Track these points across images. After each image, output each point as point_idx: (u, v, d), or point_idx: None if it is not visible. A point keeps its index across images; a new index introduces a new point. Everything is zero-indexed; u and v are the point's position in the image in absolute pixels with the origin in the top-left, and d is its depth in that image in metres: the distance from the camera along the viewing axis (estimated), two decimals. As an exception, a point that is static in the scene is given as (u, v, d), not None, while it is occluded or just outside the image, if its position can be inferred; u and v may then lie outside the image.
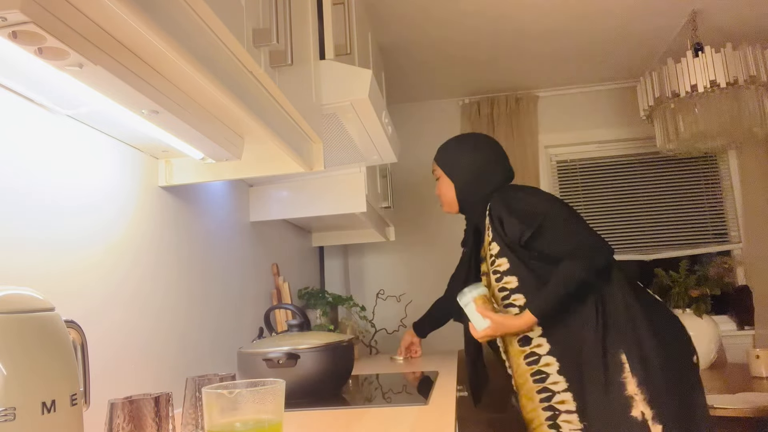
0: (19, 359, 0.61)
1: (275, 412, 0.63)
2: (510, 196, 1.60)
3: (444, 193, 1.75)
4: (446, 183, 1.74)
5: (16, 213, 0.93)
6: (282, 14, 1.04)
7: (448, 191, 1.74)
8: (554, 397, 1.50)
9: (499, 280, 1.60)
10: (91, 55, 0.73)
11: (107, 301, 1.15)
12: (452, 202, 1.75)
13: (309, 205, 2.03)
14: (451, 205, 1.76)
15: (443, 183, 1.75)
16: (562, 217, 1.54)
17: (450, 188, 1.73)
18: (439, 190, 1.77)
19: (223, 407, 0.61)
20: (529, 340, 1.56)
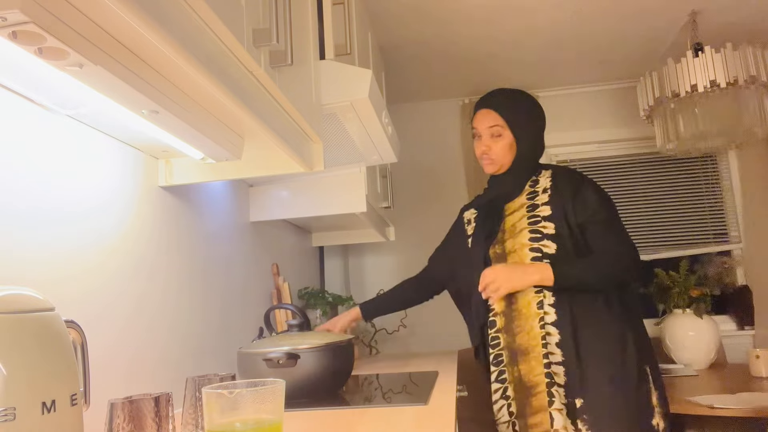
0: (19, 359, 0.61)
1: (275, 412, 0.63)
2: (586, 177, 1.59)
3: (499, 152, 1.62)
4: (507, 142, 1.61)
5: (16, 213, 0.93)
6: (282, 14, 1.04)
7: (505, 151, 1.61)
8: (552, 366, 1.49)
9: (535, 234, 1.53)
10: (91, 55, 0.73)
11: (107, 301, 1.15)
12: (504, 163, 1.63)
13: (309, 205, 2.03)
14: (500, 165, 1.64)
15: (503, 142, 1.61)
16: (619, 220, 1.56)
17: (509, 148, 1.61)
18: (492, 148, 1.63)
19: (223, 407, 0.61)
20: (542, 304, 1.51)
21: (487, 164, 1.65)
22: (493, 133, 1.61)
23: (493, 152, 1.62)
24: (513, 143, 1.61)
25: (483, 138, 1.63)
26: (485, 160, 1.64)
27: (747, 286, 3.07)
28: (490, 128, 1.61)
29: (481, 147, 1.64)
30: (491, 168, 1.65)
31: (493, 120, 1.61)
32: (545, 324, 1.50)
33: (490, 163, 1.64)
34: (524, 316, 1.53)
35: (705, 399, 1.88)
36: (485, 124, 1.62)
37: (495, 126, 1.61)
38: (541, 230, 1.53)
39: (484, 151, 1.63)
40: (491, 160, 1.63)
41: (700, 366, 2.58)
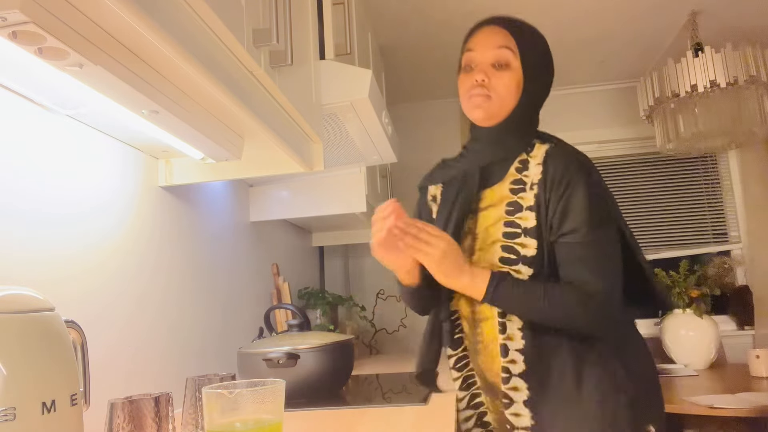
0: (19, 359, 0.61)
1: (275, 412, 0.63)
2: (590, 163, 1.14)
3: (502, 88, 1.14)
4: (515, 78, 1.14)
5: (16, 213, 0.93)
6: (282, 14, 1.04)
7: (510, 90, 1.14)
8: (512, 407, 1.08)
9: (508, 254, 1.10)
10: (91, 55, 0.73)
11: (107, 301, 1.15)
12: (501, 110, 1.15)
13: (309, 205, 2.03)
14: (495, 110, 1.15)
15: (509, 75, 1.14)
16: (610, 244, 1.09)
17: (515, 88, 1.14)
18: (493, 79, 1.14)
19: (223, 407, 0.61)
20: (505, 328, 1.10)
21: (479, 102, 1.14)
22: (499, 59, 1.14)
23: (495, 85, 1.13)
24: (520, 83, 1.15)
25: (481, 66, 1.15)
26: (477, 95, 1.13)
27: (747, 286, 3.07)
28: (497, 50, 1.14)
29: (478, 75, 1.13)
30: (482, 110, 1.14)
31: (503, 39, 1.15)
32: (509, 350, 1.08)
33: (485, 100, 1.13)
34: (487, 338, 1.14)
35: (705, 399, 1.88)
36: (491, 43, 1.15)
37: (504, 48, 1.14)
38: (517, 248, 1.09)
39: (481, 82, 1.13)
40: (487, 96, 1.13)
41: (700, 366, 2.58)
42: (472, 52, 1.19)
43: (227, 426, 0.61)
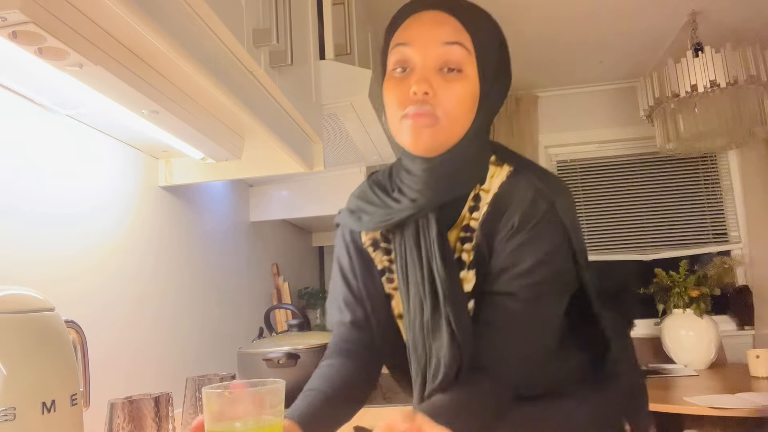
0: (19, 359, 0.60)
1: (275, 413, 0.63)
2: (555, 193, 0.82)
3: (453, 104, 0.78)
4: (470, 87, 0.79)
5: (16, 213, 0.93)
6: (282, 14, 1.04)
7: (464, 107, 0.79)
8: None
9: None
10: (91, 55, 0.73)
11: (107, 301, 1.15)
12: (452, 134, 0.80)
13: (309, 205, 2.03)
14: (445, 136, 0.79)
15: (463, 85, 0.79)
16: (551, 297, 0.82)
17: (471, 101, 0.80)
18: (440, 91, 0.77)
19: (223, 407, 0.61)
20: None
21: (423, 126, 0.77)
22: (448, 62, 0.78)
23: (443, 100, 0.77)
24: (477, 95, 0.80)
25: (423, 70, 0.78)
26: (419, 116, 0.77)
27: (747, 286, 3.07)
28: (445, 47, 0.78)
29: (419, 84, 0.77)
30: (428, 139, 0.78)
31: (452, 32, 0.79)
32: None
33: (431, 123, 0.77)
34: None
35: (705, 399, 1.88)
36: (436, 37, 0.79)
37: (455, 44, 0.78)
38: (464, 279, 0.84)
39: (423, 96, 0.77)
40: (432, 116, 0.77)
41: (699, 366, 2.58)
42: (406, 48, 0.79)
43: (227, 426, 0.61)
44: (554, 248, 0.80)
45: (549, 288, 0.80)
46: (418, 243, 0.83)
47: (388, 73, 0.83)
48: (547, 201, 0.80)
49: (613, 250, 3.31)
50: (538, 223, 0.79)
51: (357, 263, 0.93)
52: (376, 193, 0.89)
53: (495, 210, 0.82)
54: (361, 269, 0.93)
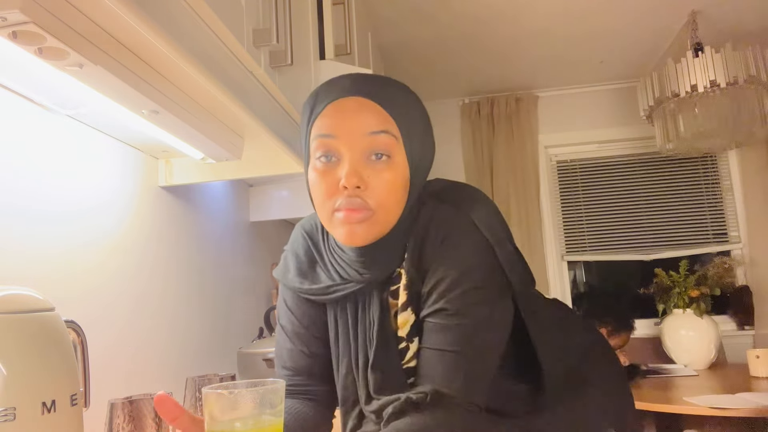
0: (19, 359, 0.60)
1: (275, 413, 0.63)
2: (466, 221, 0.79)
3: (386, 198, 0.76)
4: (400, 174, 0.78)
5: (16, 213, 0.93)
6: (282, 14, 1.04)
7: (397, 195, 0.78)
8: None
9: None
10: (91, 55, 0.73)
11: (107, 301, 1.15)
12: (387, 224, 0.78)
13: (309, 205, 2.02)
14: (379, 227, 0.77)
15: (395, 173, 0.77)
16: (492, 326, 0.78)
17: (401, 190, 0.78)
18: (375, 185, 0.75)
19: (223, 407, 0.61)
20: None
21: (356, 222, 0.75)
22: (376, 149, 0.76)
23: (375, 189, 0.75)
24: (407, 179, 0.79)
25: (351, 161, 0.75)
26: (351, 211, 0.75)
27: (747, 286, 3.07)
28: (372, 137, 0.76)
29: (349, 178, 0.74)
30: (363, 234, 0.76)
31: (378, 119, 0.76)
32: None
33: (366, 217, 0.75)
34: None
35: (705, 399, 1.88)
36: (362, 127, 0.76)
37: (383, 133, 0.76)
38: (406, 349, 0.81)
39: (354, 190, 0.75)
40: (366, 209, 0.75)
41: (699, 366, 2.58)
42: (331, 140, 0.76)
43: (227, 426, 0.61)
44: (476, 257, 0.77)
45: (482, 296, 0.77)
46: (356, 320, 0.84)
47: (312, 161, 0.79)
48: (460, 215, 0.79)
49: (613, 250, 3.31)
50: (452, 237, 0.78)
51: (303, 320, 0.91)
52: (311, 258, 0.90)
53: (416, 243, 0.81)
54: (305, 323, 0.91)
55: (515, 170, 3.26)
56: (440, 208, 0.81)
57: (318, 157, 0.77)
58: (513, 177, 3.24)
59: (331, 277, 0.85)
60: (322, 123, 0.77)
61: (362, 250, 0.80)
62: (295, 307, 0.92)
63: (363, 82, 0.79)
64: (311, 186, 0.80)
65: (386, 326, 0.81)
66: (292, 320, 0.92)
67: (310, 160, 0.80)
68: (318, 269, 0.87)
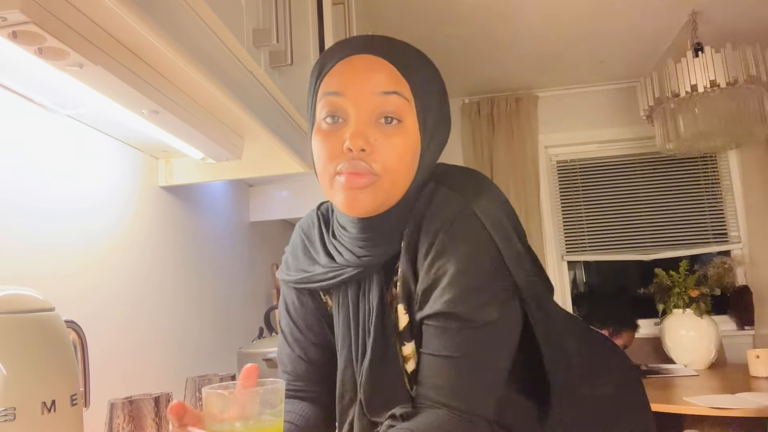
0: (19, 359, 0.60)
1: (275, 413, 0.63)
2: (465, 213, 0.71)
3: (395, 164, 0.71)
4: (410, 141, 0.73)
5: (16, 213, 0.93)
6: (282, 14, 1.04)
7: (406, 161, 0.73)
8: None
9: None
10: (91, 55, 0.73)
11: (107, 301, 1.15)
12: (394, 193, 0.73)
13: (309, 205, 2.02)
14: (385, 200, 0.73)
15: (405, 139, 0.72)
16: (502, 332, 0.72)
17: (410, 158, 0.73)
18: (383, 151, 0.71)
19: (223, 407, 0.61)
20: None
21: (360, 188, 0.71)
22: (385, 111, 0.71)
23: (383, 155, 0.71)
24: (418, 146, 0.74)
25: (357, 123, 0.71)
26: (355, 176, 0.70)
27: (747, 286, 3.07)
28: (382, 97, 0.71)
29: (355, 139, 0.69)
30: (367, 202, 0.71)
31: (389, 79, 0.72)
32: None
33: (370, 182, 0.70)
34: None
35: (705, 399, 1.88)
36: (371, 86, 0.71)
37: (393, 94, 0.71)
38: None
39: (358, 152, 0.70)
40: (372, 174, 0.71)
41: (699, 366, 2.58)
42: (338, 98, 0.71)
43: (227, 426, 0.61)
44: (475, 254, 0.69)
45: (484, 297, 0.69)
46: (357, 308, 0.78)
47: (317, 122, 0.74)
48: (461, 203, 0.71)
49: (613, 250, 3.31)
50: (451, 228, 0.70)
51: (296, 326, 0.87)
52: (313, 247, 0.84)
53: (411, 230, 0.74)
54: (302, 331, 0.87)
55: (515, 170, 3.26)
56: (439, 192, 0.73)
57: (323, 117, 0.73)
58: (513, 177, 3.24)
59: (330, 263, 0.80)
60: (330, 80, 0.73)
61: (364, 224, 0.74)
62: (295, 310, 0.88)
63: (378, 41, 0.74)
64: (314, 149, 0.75)
65: (386, 316, 0.75)
66: (290, 325, 0.88)
67: (315, 121, 0.75)
68: (316, 259, 0.83)
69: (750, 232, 3.12)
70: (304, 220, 0.91)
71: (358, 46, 0.73)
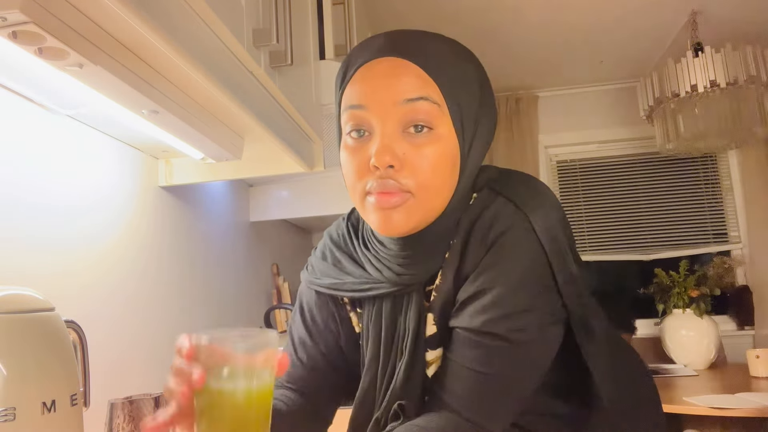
0: (19, 359, 0.60)
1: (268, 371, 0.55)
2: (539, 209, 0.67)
3: (429, 177, 0.65)
4: (446, 149, 0.66)
5: (16, 213, 0.93)
6: (282, 14, 1.04)
7: (440, 174, 0.66)
8: None
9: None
10: (91, 55, 0.73)
11: (107, 301, 1.15)
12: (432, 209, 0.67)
13: (309, 205, 2.03)
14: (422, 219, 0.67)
15: (439, 147, 0.65)
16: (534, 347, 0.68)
17: (449, 168, 0.67)
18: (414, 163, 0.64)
19: (217, 360, 0.57)
20: None
21: (391, 207, 0.65)
22: (414, 119, 0.65)
23: (415, 168, 0.65)
24: (456, 153, 0.67)
25: (383, 136, 0.65)
26: (384, 195, 0.65)
27: (747, 286, 3.07)
28: (407, 105, 0.64)
29: (381, 156, 0.63)
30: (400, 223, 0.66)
31: (416, 84, 0.65)
32: None
33: (401, 201, 0.65)
34: None
35: (705, 399, 1.88)
36: (394, 95, 0.65)
37: (421, 100, 0.64)
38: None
39: (385, 170, 0.64)
40: (403, 192, 0.65)
41: (699, 366, 2.58)
42: (360, 111, 0.66)
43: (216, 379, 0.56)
44: (526, 273, 0.65)
45: (527, 320, 0.65)
46: (391, 328, 0.73)
47: (343, 137, 0.69)
48: (517, 216, 0.65)
49: (613, 250, 3.31)
50: (505, 243, 0.65)
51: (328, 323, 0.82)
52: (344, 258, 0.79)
53: (460, 240, 0.68)
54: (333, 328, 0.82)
55: (515, 170, 3.26)
56: (495, 201, 0.67)
57: (348, 132, 0.67)
58: (513, 177, 3.24)
59: (364, 274, 0.73)
60: (352, 92, 0.67)
61: (405, 242, 0.68)
62: (311, 315, 0.82)
63: (399, 39, 0.67)
64: (342, 166, 0.69)
65: (420, 338, 0.70)
66: (301, 329, 0.83)
67: (342, 136, 0.69)
68: (347, 271, 0.77)
69: (750, 232, 3.12)
70: (333, 230, 0.85)
71: (378, 48, 0.67)
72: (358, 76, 0.67)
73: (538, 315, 0.66)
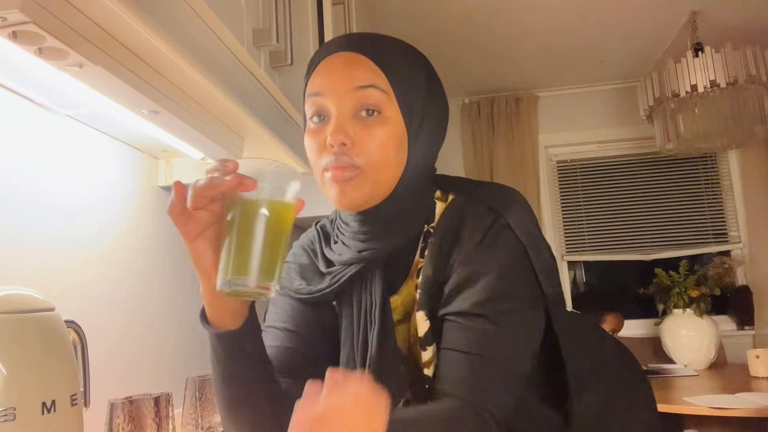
0: (19, 359, 0.61)
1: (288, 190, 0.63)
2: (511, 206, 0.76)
3: (377, 155, 0.73)
4: (393, 131, 0.74)
5: (16, 213, 0.93)
6: (282, 14, 1.04)
7: (389, 152, 0.73)
8: None
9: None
10: (91, 55, 0.73)
11: (107, 301, 1.15)
12: (381, 183, 0.75)
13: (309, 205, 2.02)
14: (371, 192, 0.74)
15: (385, 129, 0.73)
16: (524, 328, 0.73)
17: (397, 146, 0.74)
18: (365, 142, 0.72)
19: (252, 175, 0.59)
20: None
21: (344, 180, 0.74)
22: (364, 104, 0.73)
23: (365, 147, 0.72)
24: (404, 137, 0.75)
25: (338, 118, 0.73)
26: (338, 168, 0.73)
27: (747, 286, 3.07)
28: (358, 92, 0.72)
29: (335, 135, 0.72)
30: (352, 194, 0.74)
31: (366, 73, 0.73)
32: None
33: (353, 174, 0.73)
34: None
35: (705, 399, 1.88)
36: (347, 82, 0.73)
37: (370, 88, 0.73)
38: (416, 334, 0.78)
39: (340, 147, 0.72)
40: (354, 167, 0.72)
41: (699, 366, 2.58)
42: (319, 98, 0.74)
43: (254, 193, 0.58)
44: (509, 262, 0.73)
45: (512, 304, 0.71)
46: (360, 302, 0.79)
47: (307, 123, 0.78)
48: (494, 215, 0.74)
49: (613, 250, 3.31)
50: (486, 237, 0.73)
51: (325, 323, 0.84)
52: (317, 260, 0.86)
53: (440, 239, 0.76)
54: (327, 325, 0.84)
55: (515, 170, 3.26)
56: (473, 205, 0.76)
57: (310, 116, 0.77)
58: (513, 177, 3.24)
59: (331, 268, 0.82)
60: (313, 82, 0.76)
61: (363, 218, 0.78)
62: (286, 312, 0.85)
63: (356, 38, 0.78)
64: (306, 148, 0.78)
65: (386, 308, 0.77)
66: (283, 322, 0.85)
67: (306, 121, 0.79)
68: (322, 272, 0.83)
69: (750, 232, 3.12)
70: (305, 238, 0.93)
71: (336, 45, 0.77)
72: (318, 68, 0.76)
73: (521, 299, 0.73)
